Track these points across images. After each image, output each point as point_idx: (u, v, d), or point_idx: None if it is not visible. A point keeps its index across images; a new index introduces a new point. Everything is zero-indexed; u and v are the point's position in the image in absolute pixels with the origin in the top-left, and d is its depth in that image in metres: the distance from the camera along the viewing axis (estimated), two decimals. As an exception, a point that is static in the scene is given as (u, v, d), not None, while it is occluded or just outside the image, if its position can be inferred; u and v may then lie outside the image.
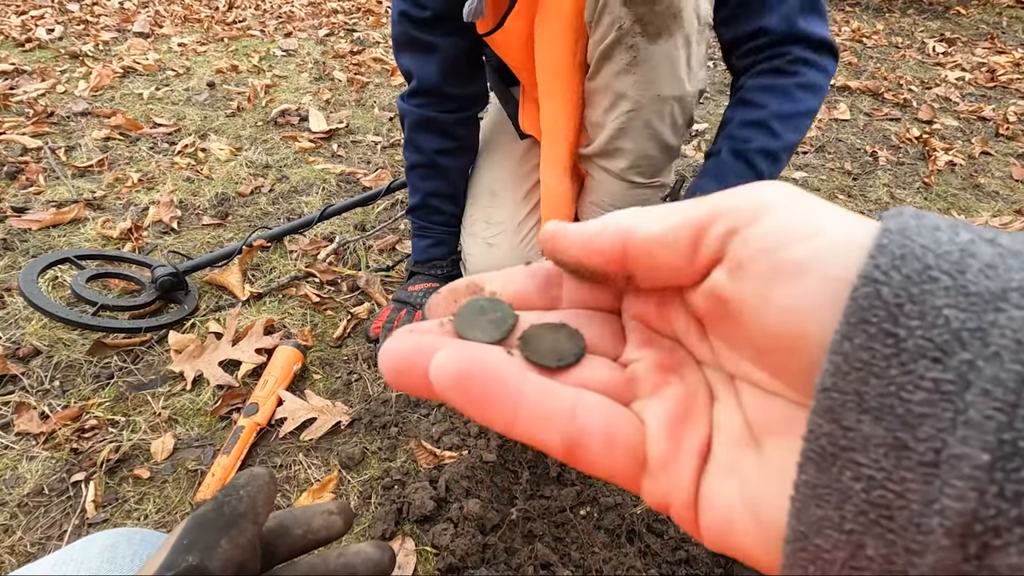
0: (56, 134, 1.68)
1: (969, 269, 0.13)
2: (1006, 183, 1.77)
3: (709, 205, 0.17)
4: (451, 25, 0.89)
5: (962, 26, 3.58)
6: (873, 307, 0.13)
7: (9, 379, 0.93)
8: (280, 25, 2.99)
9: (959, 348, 0.13)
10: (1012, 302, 0.13)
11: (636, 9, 0.73)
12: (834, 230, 0.15)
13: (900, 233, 0.14)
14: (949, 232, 0.14)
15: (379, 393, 0.95)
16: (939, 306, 0.13)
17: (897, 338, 0.13)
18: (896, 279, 0.14)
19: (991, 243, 0.14)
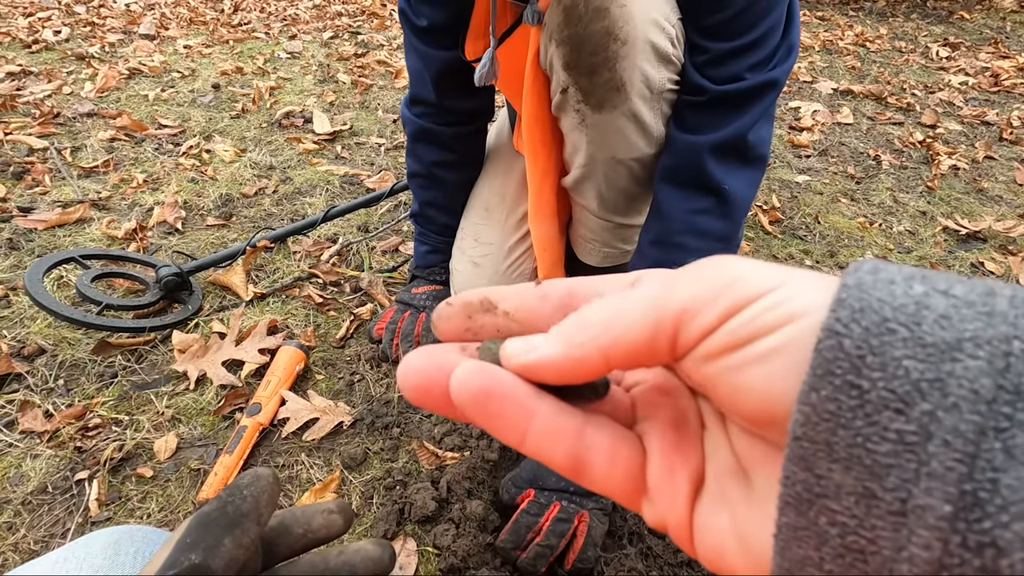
0: (62, 135, 1.69)
1: (924, 320, 0.14)
2: (1009, 187, 1.77)
3: (680, 300, 0.17)
4: (447, 39, 0.86)
5: (966, 31, 3.58)
6: (837, 359, 0.14)
7: (14, 377, 0.93)
8: (285, 28, 3.00)
9: (919, 399, 0.13)
10: (967, 352, 0.13)
11: (576, 78, 0.69)
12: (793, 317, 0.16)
13: (857, 288, 0.15)
14: (904, 285, 0.15)
15: (381, 394, 0.96)
16: (898, 357, 0.14)
17: (861, 389, 0.14)
18: (856, 331, 0.14)
19: (945, 294, 0.14)
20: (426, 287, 1.07)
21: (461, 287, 1.03)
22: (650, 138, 0.74)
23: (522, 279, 1.03)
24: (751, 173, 0.77)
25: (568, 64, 0.68)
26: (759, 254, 1.39)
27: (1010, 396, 0.13)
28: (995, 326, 0.13)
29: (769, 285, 0.17)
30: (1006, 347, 0.13)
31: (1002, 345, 0.13)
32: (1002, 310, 0.14)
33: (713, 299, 0.17)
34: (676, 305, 0.17)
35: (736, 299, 0.17)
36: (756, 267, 0.17)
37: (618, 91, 0.68)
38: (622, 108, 0.70)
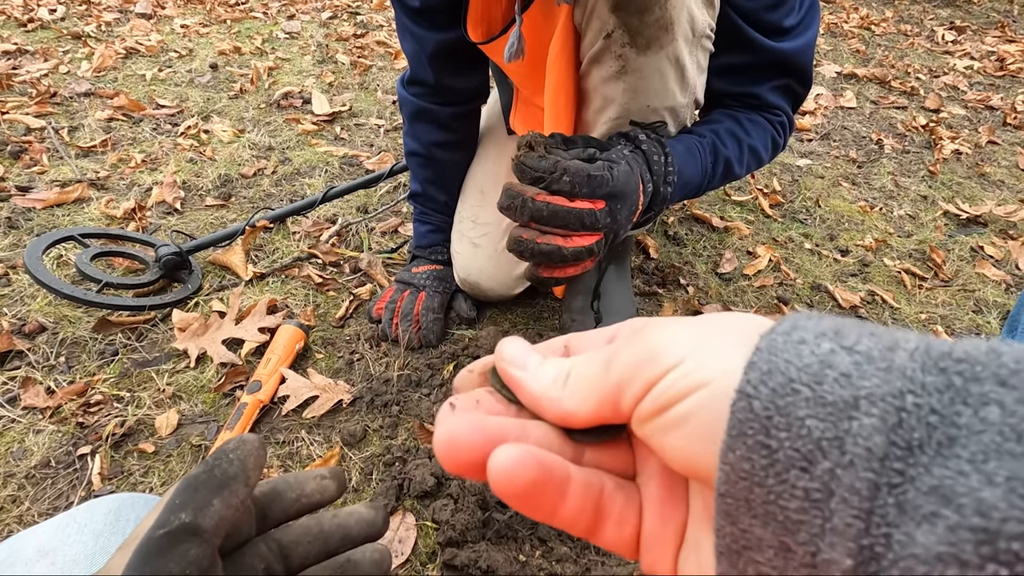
0: (59, 114, 1.68)
1: (826, 379, 0.15)
2: (1012, 172, 1.76)
3: (617, 375, 0.20)
4: (443, 19, 0.85)
5: (972, 14, 3.54)
6: (748, 420, 0.15)
7: (15, 355, 0.94)
8: (283, 7, 2.96)
9: (821, 457, 0.14)
10: (862, 410, 0.14)
11: (625, 19, 0.69)
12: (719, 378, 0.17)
13: (768, 350, 0.16)
14: (812, 345, 0.16)
15: (380, 372, 0.96)
16: (802, 416, 0.15)
17: (770, 449, 0.15)
18: (764, 392, 0.15)
19: (849, 351, 0.15)
20: (426, 266, 1.07)
21: (463, 268, 1.04)
22: (685, 85, 0.76)
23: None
24: None
25: (618, 4, 0.69)
26: (759, 236, 1.38)
27: (902, 452, 0.13)
28: (891, 382, 0.14)
29: (682, 354, 0.18)
30: (899, 403, 0.14)
31: (895, 401, 0.14)
32: (900, 364, 0.15)
33: (639, 372, 0.19)
34: (614, 379, 0.20)
35: (656, 371, 0.18)
36: (675, 336, 0.19)
37: (666, 30, 0.70)
38: (668, 49, 0.71)
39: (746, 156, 0.85)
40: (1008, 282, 1.28)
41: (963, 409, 0.13)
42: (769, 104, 0.86)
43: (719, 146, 0.82)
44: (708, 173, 0.81)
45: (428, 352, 1.00)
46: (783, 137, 0.90)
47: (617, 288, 1.05)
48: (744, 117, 0.86)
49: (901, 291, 1.24)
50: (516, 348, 0.23)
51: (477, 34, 0.85)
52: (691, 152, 0.79)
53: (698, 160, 0.80)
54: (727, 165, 0.83)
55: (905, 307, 1.19)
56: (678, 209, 1.46)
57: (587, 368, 0.21)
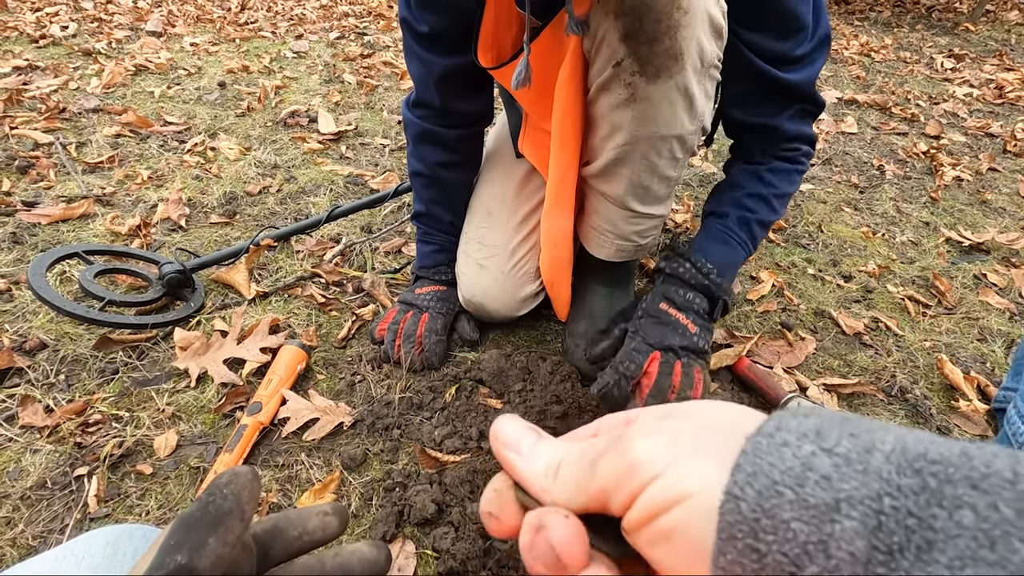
0: (67, 130, 1.69)
1: (807, 482, 0.15)
2: (1013, 200, 1.77)
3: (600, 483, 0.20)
4: (450, 44, 0.87)
5: (971, 42, 3.59)
6: (737, 522, 0.16)
7: (15, 372, 0.93)
8: (291, 27, 3.01)
9: (808, 561, 0.15)
10: (843, 512, 0.15)
11: (635, 48, 0.71)
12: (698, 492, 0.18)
13: (753, 453, 0.17)
14: (794, 448, 0.16)
15: (382, 395, 0.95)
16: (787, 519, 0.15)
17: (760, 553, 0.15)
18: (750, 494, 0.16)
19: (829, 453, 0.16)
20: (429, 287, 1.07)
21: (468, 289, 1.04)
22: (694, 114, 0.78)
23: (526, 278, 1.04)
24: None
25: (628, 34, 0.70)
26: (762, 261, 1.39)
27: (883, 556, 0.14)
28: (869, 484, 0.15)
29: (662, 466, 0.19)
30: (877, 505, 0.14)
31: (874, 504, 0.14)
32: (876, 466, 0.15)
33: (621, 484, 0.19)
34: (599, 485, 0.20)
35: (636, 484, 0.19)
36: (654, 445, 0.20)
37: (676, 60, 0.71)
38: (677, 79, 0.73)
39: (775, 204, 0.94)
40: (1012, 310, 1.28)
41: (939, 512, 0.14)
42: (789, 135, 0.90)
43: (746, 215, 0.93)
44: (748, 244, 0.94)
45: (430, 375, 1.00)
46: (805, 164, 0.96)
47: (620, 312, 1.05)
48: (765, 170, 0.94)
49: (905, 318, 1.24)
50: (510, 430, 0.24)
51: (487, 60, 0.86)
52: (723, 240, 0.93)
53: (732, 240, 0.93)
54: (761, 224, 0.94)
55: (909, 334, 1.19)
56: (681, 232, 1.47)
57: (575, 466, 0.22)
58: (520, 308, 1.05)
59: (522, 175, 1.05)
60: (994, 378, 1.09)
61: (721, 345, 1.11)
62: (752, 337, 1.11)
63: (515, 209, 1.04)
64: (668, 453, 0.19)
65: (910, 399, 1.02)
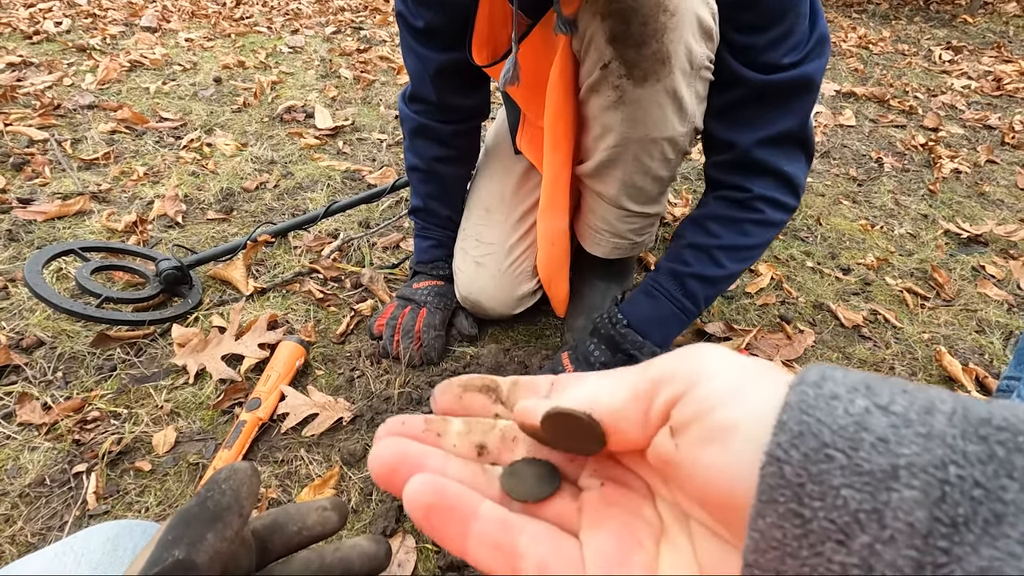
0: (62, 126, 1.68)
1: (862, 445, 0.14)
2: (1011, 192, 1.77)
3: (653, 373, 0.19)
4: (446, 40, 0.87)
5: (969, 34, 3.58)
6: (779, 486, 0.15)
7: (12, 369, 0.93)
8: (287, 22, 2.99)
9: (859, 531, 0.13)
10: (902, 481, 0.13)
11: (622, 51, 0.69)
12: (755, 396, 0.17)
13: (798, 408, 0.15)
14: (846, 402, 0.15)
15: (381, 390, 0.95)
16: (837, 486, 0.14)
17: (803, 519, 0.14)
18: (796, 457, 0.15)
19: (885, 411, 0.14)
20: (427, 282, 1.07)
21: (465, 286, 1.04)
22: (684, 116, 0.76)
23: (523, 276, 1.03)
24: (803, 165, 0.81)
25: (615, 36, 0.69)
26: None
27: (946, 529, 0.13)
28: (932, 450, 0.14)
29: (728, 365, 0.18)
30: (942, 474, 0.13)
31: (938, 472, 0.13)
32: (940, 430, 0.14)
33: (681, 373, 0.18)
34: (651, 376, 0.19)
35: (700, 374, 0.18)
36: (721, 350, 0.19)
37: (663, 64, 0.70)
38: (665, 82, 0.71)
39: (720, 256, 0.83)
40: (1010, 302, 1.28)
41: (1009, 483, 0.13)
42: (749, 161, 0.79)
43: (678, 269, 0.85)
44: (681, 300, 0.85)
45: (429, 370, 0.99)
46: (767, 213, 0.81)
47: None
48: (709, 219, 0.84)
49: (903, 310, 1.24)
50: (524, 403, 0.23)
51: (481, 57, 0.86)
52: (648, 294, 0.87)
53: (660, 297, 0.86)
54: (699, 278, 0.84)
55: (908, 327, 1.19)
56: (680, 226, 1.47)
57: (622, 372, 0.21)
58: (517, 306, 1.05)
59: (521, 172, 1.05)
60: (992, 370, 1.09)
61: (720, 338, 1.11)
62: (751, 330, 1.11)
63: (513, 207, 1.04)
64: (729, 360, 0.18)
65: (909, 391, 1.02)
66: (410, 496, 0.20)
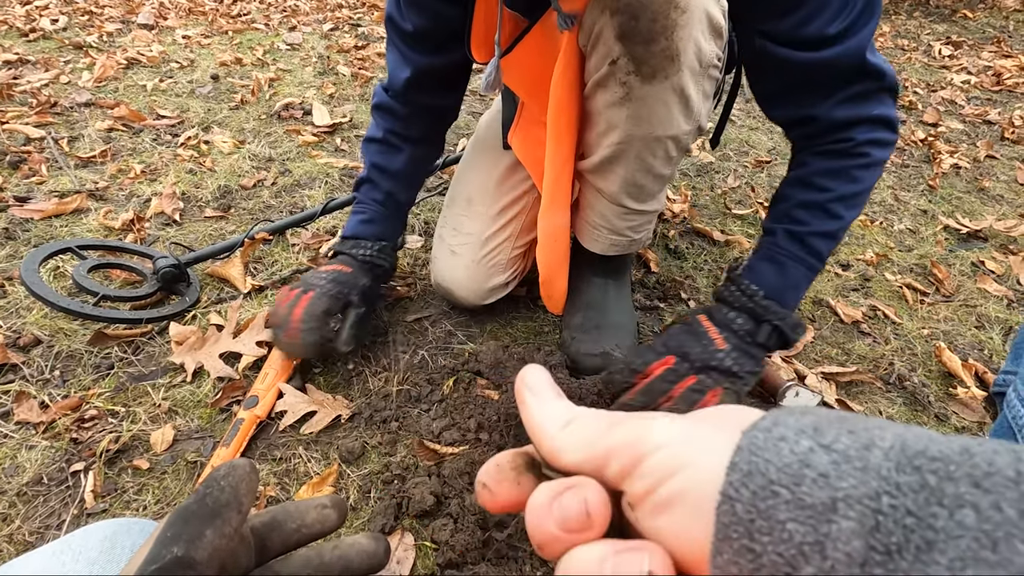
0: (59, 124, 1.68)
1: (804, 481, 0.15)
2: (1011, 187, 1.77)
3: (605, 446, 0.20)
4: (431, 44, 0.88)
5: (968, 29, 3.57)
6: (732, 523, 0.16)
7: (9, 368, 0.93)
8: (285, 19, 2.98)
9: (804, 563, 0.14)
10: (840, 512, 0.14)
11: (630, 48, 0.69)
12: (700, 462, 0.18)
13: (748, 450, 0.16)
14: (791, 443, 0.16)
15: (379, 387, 0.95)
16: (783, 520, 0.15)
17: (755, 553, 0.15)
18: (745, 495, 0.16)
19: (827, 450, 0.16)
20: (332, 266, 0.96)
21: (439, 273, 1.05)
22: (690, 115, 0.75)
23: (496, 268, 1.04)
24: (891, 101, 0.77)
25: (624, 33, 0.68)
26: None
27: (881, 556, 0.14)
28: (867, 482, 0.14)
29: (672, 436, 0.19)
30: (875, 504, 0.14)
31: (872, 503, 0.14)
32: (876, 463, 0.15)
33: (630, 446, 0.19)
34: (608, 443, 0.20)
35: (645, 447, 0.19)
36: (671, 421, 0.20)
37: (672, 61, 0.69)
38: (673, 80, 0.70)
39: (838, 208, 0.79)
40: (1010, 297, 1.28)
41: (939, 511, 0.13)
42: (838, 123, 0.76)
43: (796, 229, 0.80)
44: (806, 260, 0.81)
45: (428, 367, 0.99)
46: (874, 151, 0.77)
47: (616, 304, 1.04)
48: (816, 175, 0.80)
49: (903, 306, 1.24)
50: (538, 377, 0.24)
51: (481, 55, 0.86)
52: (772, 259, 0.81)
53: (785, 261, 0.81)
54: (820, 235, 0.80)
55: (907, 322, 1.19)
56: (679, 223, 1.46)
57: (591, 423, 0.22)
58: (487, 297, 1.05)
59: (506, 166, 1.05)
60: (992, 365, 1.09)
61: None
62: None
63: (495, 199, 1.04)
64: (682, 426, 0.19)
65: (908, 387, 1.02)
66: None
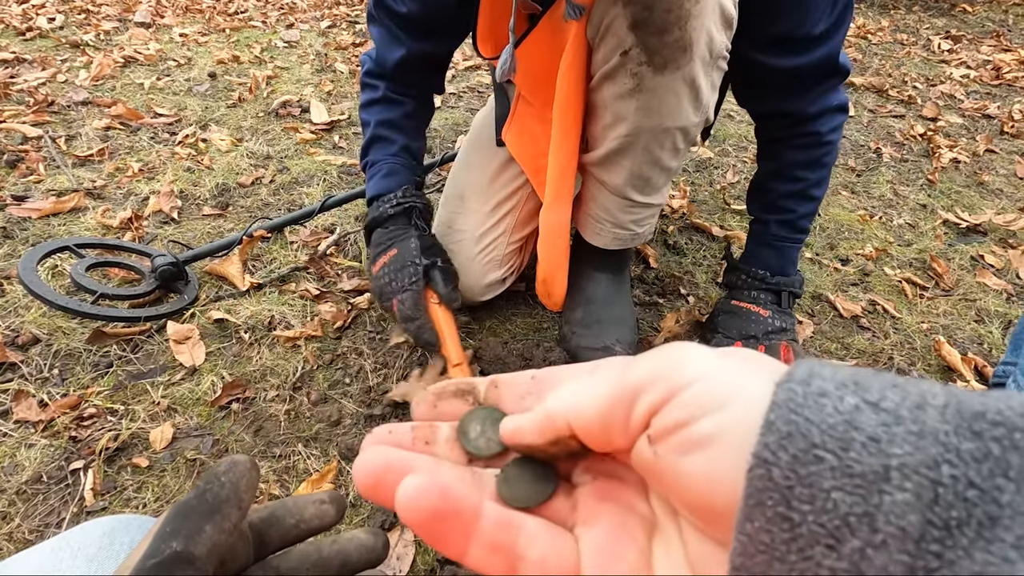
0: (56, 123, 1.67)
1: (852, 445, 0.14)
2: (1010, 181, 1.76)
3: (635, 377, 0.19)
4: (422, 29, 0.88)
5: (968, 23, 3.56)
6: (767, 489, 0.14)
7: (8, 367, 0.92)
8: (282, 16, 2.97)
9: (849, 535, 0.13)
10: (894, 483, 0.13)
11: (644, 38, 0.69)
12: (741, 401, 0.16)
13: (786, 407, 0.15)
14: (835, 399, 0.14)
15: (379, 384, 0.95)
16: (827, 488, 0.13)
17: (792, 522, 0.14)
18: (784, 459, 0.14)
19: (875, 408, 0.14)
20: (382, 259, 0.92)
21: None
22: (699, 105, 0.76)
23: (491, 265, 1.03)
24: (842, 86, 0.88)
25: (637, 23, 0.69)
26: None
27: (939, 532, 0.12)
28: (924, 449, 0.13)
29: (707, 368, 0.17)
30: (935, 474, 0.13)
31: (930, 472, 0.13)
32: (932, 427, 0.13)
33: (662, 378, 0.18)
34: (631, 382, 0.18)
35: (679, 380, 0.17)
36: (705, 351, 0.18)
37: (685, 51, 0.69)
38: (684, 70, 0.71)
39: (812, 191, 0.93)
40: (1009, 291, 1.28)
41: (1004, 483, 0.12)
42: (811, 115, 0.87)
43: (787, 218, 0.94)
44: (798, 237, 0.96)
45: (426, 363, 0.99)
46: (835, 138, 0.91)
47: (616, 298, 1.04)
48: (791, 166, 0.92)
49: (902, 301, 1.24)
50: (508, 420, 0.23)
51: (487, 49, 0.86)
52: (770, 246, 0.97)
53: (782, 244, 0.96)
54: (806, 215, 0.94)
55: (907, 317, 1.18)
56: (678, 219, 1.46)
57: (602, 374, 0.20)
58: (484, 293, 1.05)
59: (500, 163, 1.05)
60: (992, 359, 1.09)
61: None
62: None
63: (488, 197, 1.04)
64: (714, 359, 0.18)
65: (908, 381, 1.02)
66: (409, 498, 0.18)
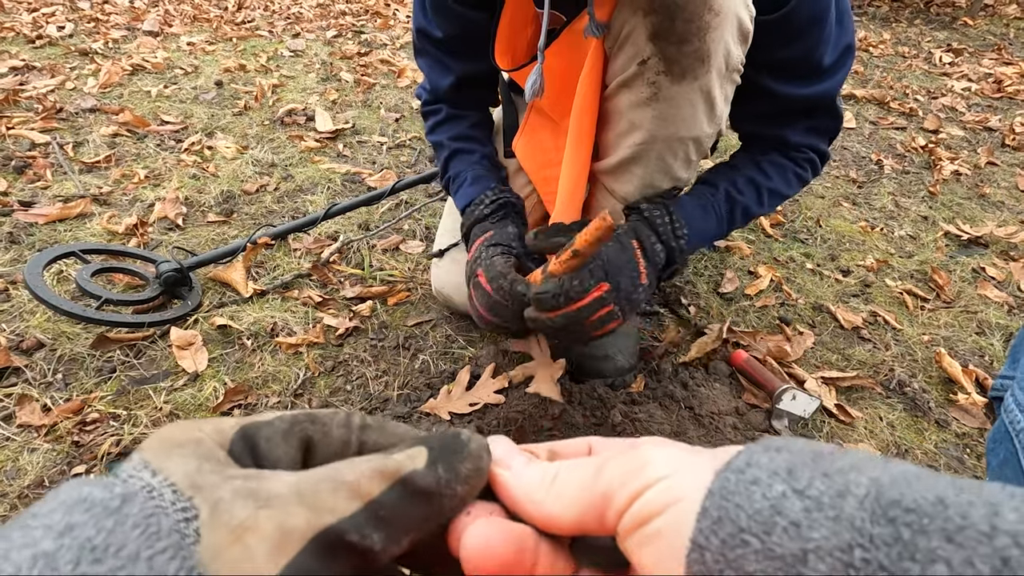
0: (64, 130, 1.69)
1: (775, 530, 0.15)
2: (1011, 193, 1.77)
3: (604, 485, 0.20)
4: (466, 51, 0.90)
5: (969, 36, 3.58)
6: (700, 572, 0.15)
7: (12, 371, 0.93)
8: (288, 26, 3.00)
9: None
10: (810, 565, 0.14)
11: (663, 47, 0.70)
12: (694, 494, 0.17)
13: (719, 494, 0.16)
14: (764, 487, 0.16)
15: (380, 392, 0.95)
16: (752, 572, 0.15)
17: None
18: (715, 544, 0.15)
19: (800, 495, 0.15)
20: (477, 241, 0.89)
21: (439, 280, 1.06)
22: (713, 116, 0.77)
23: None
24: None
25: (657, 33, 0.70)
26: (760, 256, 1.38)
27: None
28: (840, 534, 0.14)
29: (670, 469, 0.18)
30: (847, 557, 0.14)
31: (844, 556, 0.14)
32: (849, 513, 0.14)
33: (626, 483, 0.19)
34: (602, 487, 0.20)
35: (642, 483, 0.18)
36: (666, 453, 0.19)
37: (703, 62, 0.71)
38: (701, 80, 0.72)
39: (765, 197, 0.90)
40: (1010, 304, 1.28)
41: (911, 566, 0.13)
42: (795, 145, 0.89)
43: (734, 195, 0.88)
44: (725, 219, 0.88)
45: (428, 371, 0.99)
46: (810, 171, 0.92)
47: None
48: (766, 161, 0.90)
49: (903, 312, 1.24)
50: (500, 448, 0.23)
51: (505, 62, 0.87)
52: (703, 207, 0.87)
53: (711, 212, 0.87)
54: (744, 210, 0.89)
55: (907, 328, 1.19)
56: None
57: (575, 472, 0.21)
58: None
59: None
60: (992, 371, 1.09)
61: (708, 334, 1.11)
62: (751, 332, 1.11)
63: None
64: (679, 457, 0.19)
65: (908, 392, 1.02)
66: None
